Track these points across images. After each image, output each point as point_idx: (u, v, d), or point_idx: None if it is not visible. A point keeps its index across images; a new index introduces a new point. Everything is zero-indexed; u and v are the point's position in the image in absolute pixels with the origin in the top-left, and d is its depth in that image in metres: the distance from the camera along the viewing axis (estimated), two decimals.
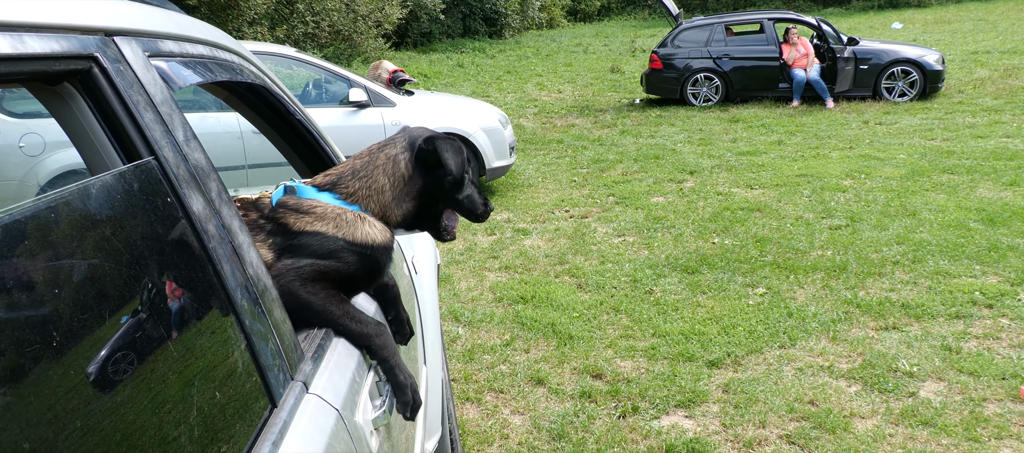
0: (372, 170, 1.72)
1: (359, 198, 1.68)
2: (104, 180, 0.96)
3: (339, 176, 1.71)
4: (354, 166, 1.73)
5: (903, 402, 3.72)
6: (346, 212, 1.64)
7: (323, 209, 1.62)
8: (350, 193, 1.68)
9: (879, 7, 32.87)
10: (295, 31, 18.15)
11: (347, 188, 1.69)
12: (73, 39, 0.97)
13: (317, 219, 1.60)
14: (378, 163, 1.73)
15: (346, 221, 1.62)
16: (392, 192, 1.72)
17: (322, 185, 1.69)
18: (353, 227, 1.62)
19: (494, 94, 16.23)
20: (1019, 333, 4.34)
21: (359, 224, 1.63)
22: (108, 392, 0.86)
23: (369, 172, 1.71)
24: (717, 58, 13.45)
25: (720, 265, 5.69)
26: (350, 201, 1.67)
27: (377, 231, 1.66)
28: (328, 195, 1.66)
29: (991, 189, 7.27)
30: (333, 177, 1.71)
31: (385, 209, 1.71)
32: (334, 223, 1.60)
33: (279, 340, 1.26)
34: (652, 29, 29.71)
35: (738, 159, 9.33)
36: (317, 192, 1.67)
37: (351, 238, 1.60)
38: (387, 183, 1.71)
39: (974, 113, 11.20)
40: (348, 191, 1.68)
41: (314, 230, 1.58)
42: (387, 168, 1.73)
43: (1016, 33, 20.63)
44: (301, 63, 7.69)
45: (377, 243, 1.65)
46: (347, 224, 1.62)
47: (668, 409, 3.80)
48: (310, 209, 1.61)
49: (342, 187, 1.69)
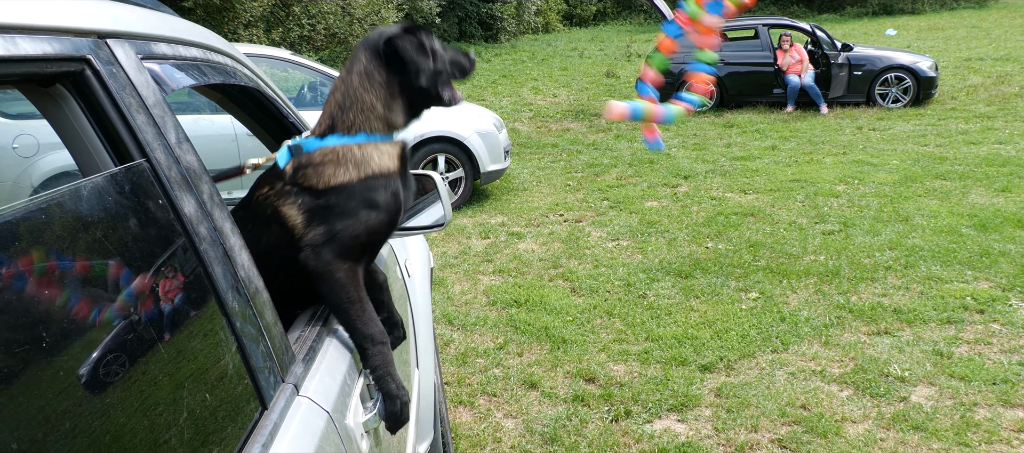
0: (355, 93, 1.72)
1: (359, 125, 1.68)
2: (96, 182, 0.96)
3: (332, 117, 1.71)
4: (338, 101, 1.73)
5: (894, 407, 3.73)
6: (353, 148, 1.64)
7: (335, 153, 1.63)
8: (350, 125, 1.68)
9: (873, 13, 32.99)
10: (291, 34, 18.13)
11: (346, 122, 1.69)
12: (66, 41, 0.97)
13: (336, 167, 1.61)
14: (355, 85, 1.73)
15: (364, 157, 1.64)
16: (382, 103, 1.72)
17: (323, 132, 1.70)
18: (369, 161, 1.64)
19: (489, 98, 16.24)
20: (1010, 338, 4.36)
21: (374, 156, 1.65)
22: (98, 394, 0.86)
23: (354, 97, 1.71)
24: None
25: (713, 269, 5.70)
26: (354, 133, 1.68)
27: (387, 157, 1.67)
28: (333, 138, 1.67)
29: (983, 195, 7.31)
30: (327, 120, 1.72)
31: (387, 121, 1.72)
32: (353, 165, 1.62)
33: (270, 342, 1.26)
34: (647, 34, 29.75)
35: (732, 164, 9.35)
36: (322, 140, 1.67)
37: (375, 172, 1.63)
38: (373, 97, 1.72)
39: (967, 119, 11.25)
40: (348, 125, 1.68)
41: (339, 183, 1.60)
42: (365, 84, 1.73)
43: (1009, 40, 20.73)
44: (296, 66, 7.70)
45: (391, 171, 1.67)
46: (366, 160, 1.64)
47: (661, 413, 3.81)
48: (323, 159, 1.62)
49: (341, 124, 1.69)
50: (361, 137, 1.67)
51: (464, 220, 7.48)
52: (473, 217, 7.61)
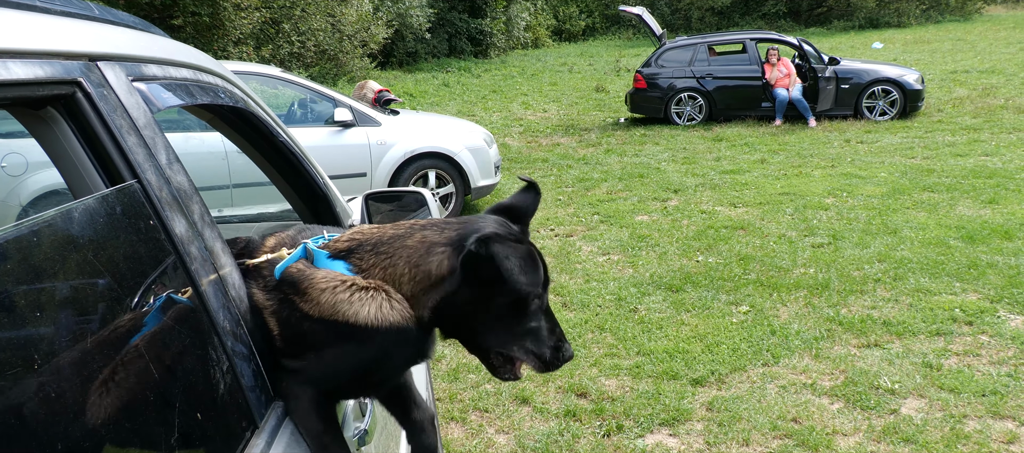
0: (396, 250, 1.33)
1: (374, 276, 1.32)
2: (87, 203, 0.97)
3: (359, 244, 1.36)
4: (382, 234, 1.37)
5: (885, 419, 3.74)
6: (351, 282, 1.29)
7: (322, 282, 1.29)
8: (363, 269, 1.32)
9: (860, 27, 33.29)
10: (281, 51, 18.16)
11: (361, 261, 1.33)
12: (57, 65, 0.98)
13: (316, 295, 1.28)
14: (408, 244, 1.33)
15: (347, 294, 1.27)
16: (411, 288, 1.31)
17: (338, 252, 1.35)
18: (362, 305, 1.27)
19: (479, 113, 16.29)
20: (999, 350, 4.39)
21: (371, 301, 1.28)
22: (91, 414, 0.87)
23: (392, 251, 1.33)
24: (700, 78, 13.57)
25: (704, 283, 5.72)
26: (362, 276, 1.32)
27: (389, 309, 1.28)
28: (341, 264, 1.33)
29: (971, 207, 7.36)
30: (354, 243, 1.36)
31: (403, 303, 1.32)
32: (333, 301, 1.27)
33: (260, 361, 1.27)
34: (636, 49, 29.93)
35: (721, 178, 9.40)
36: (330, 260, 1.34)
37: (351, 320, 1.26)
38: (406, 274, 1.31)
39: (953, 132, 11.35)
40: (362, 266, 1.33)
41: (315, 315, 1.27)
42: (414, 256, 1.32)
43: (994, 53, 20.95)
44: (286, 83, 7.71)
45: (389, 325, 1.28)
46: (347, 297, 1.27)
47: (652, 427, 3.81)
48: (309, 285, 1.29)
49: (355, 257, 1.34)
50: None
51: None
52: None
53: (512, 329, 1.34)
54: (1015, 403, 3.80)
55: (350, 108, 7.56)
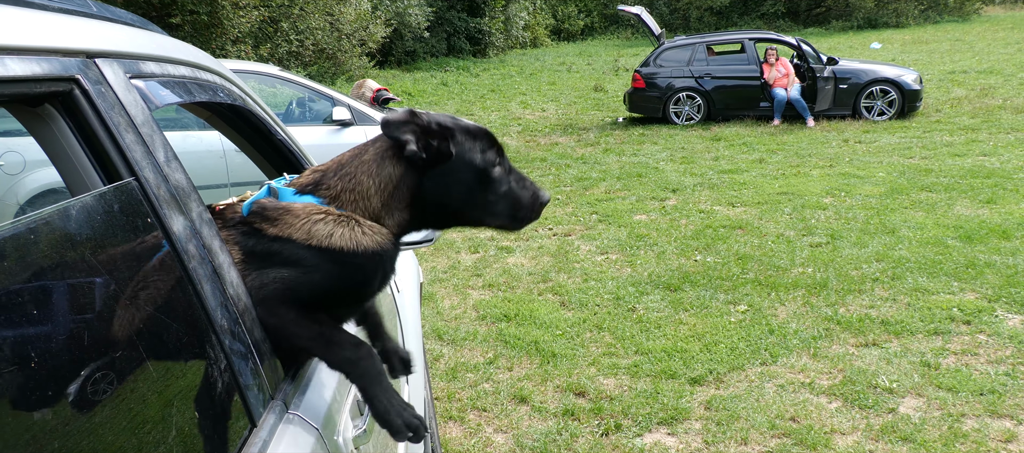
0: (356, 168, 1.44)
1: (343, 202, 1.41)
2: (85, 201, 0.97)
3: (323, 174, 1.45)
4: (340, 160, 1.47)
5: (883, 418, 3.75)
6: (326, 212, 1.38)
7: (300, 209, 1.38)
8: (333, 196, 1.42)
9: (858, 27, 33.32)
10: (279, 50, 18.15)
11: (330, 189, 1.42)
12: (54, 61, 0.98)
13: (288, 224, 1.36)
14: (364, 158, 1.44)
15: (324, 224, 1.36)
16: (379, 197, 1.42)
17: (304, 186, 1.44)
18: (332, 231, 1.36)
19: (478, 112, 16.29)
20: (996, 349, 4.39)
21: (341, 227, 1.37)
22: (87, 412, 0.86)
23: (353, 169, 1.44)
24: (699, 77, 13.58)
25: (702, 282, 5.72)
26: (335, 204, 1.42)
27: (362, 235, 1.38)
28: (309, 197, 1.42)
29: (968, 207, 7.37)
30: (317, 175, 1.46)
31: (376, 218, 1.43)
32: (309, 227, 1.36)
33: (259, 359, 1.26)
34: (635, 48, 29.94)
35: (720, 177, 9.40)
36: (296, 195, 1.42)
37: (328, 244, 1.34)
38: (371, 185, 1.42)
39: (951, 132, 11.35)
40: (331, 193, 1.42)
41: (286, 235, 1.35)
42: (371, 167, 1.43)
43: (992, 53, 20.97)
44: (285, 82, 7.71)
45: (363, 249, 1.37)
46: (325, 228, 1.36)
47: (651, 426, 3.81)
48: (284, 213, 1.37)
49: (324, 188, 1.43)
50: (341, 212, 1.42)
51: (453, 235, 7.48)
52: (462, 232, 7.61)
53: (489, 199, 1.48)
54: (1013, 402, 3.81)
55: (348, 107, 7.56)
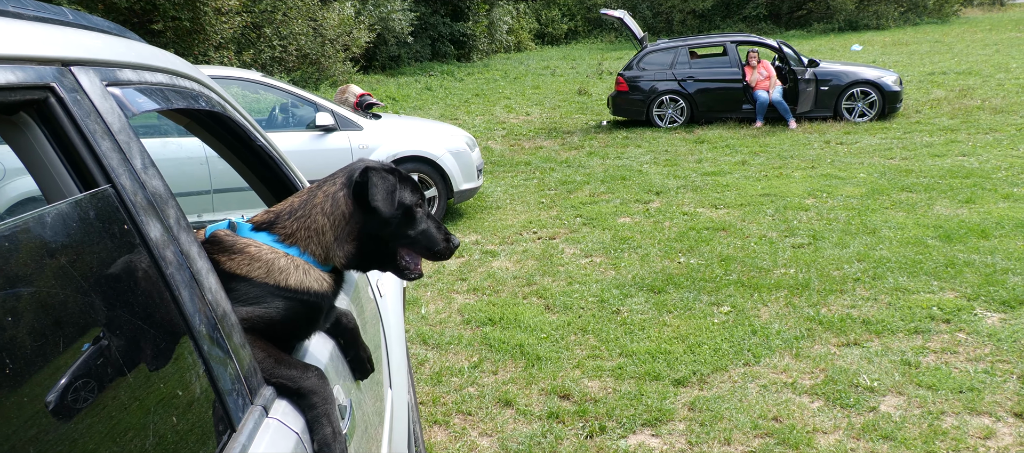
0: (311, 209, 1.60)
1: (297, 239, 1.57)
2: (60, 208, 0.97)
3: (277, 215, 1.60)
4: (293, 204, 1.62)
5: (864, 417, 3.78)
6: (279, 256, 1.52)
7: (256, 251, 1.51)
8: (288, 234, 1.57)
9: (839, 29, 33.60)
10: (262, 55, 18.09)
11: (285, 229, 1.57)
12: (29, 70, 0.98)
13: (248, 261, 1.49)
14: (316, 201, 1.61)
15: (278, 267, 1.50)
16: (333, 233, 1.59)
17: (259, 224, 1.59)
18: (285, 274, 1.50)
19: (462, 117, 16.29)
20: (975, 347, 4.44)
21: (292, 270, 1.52)
22: (66, 420, 0.87)
23: (307, 211, 1.60)
24: (682, 80, 13.65)
25: (686, 284, 5.75)
26: (288, 243, 1.56)
27: (312, 279, 1.54)
28: (264, 235, 1.56)
29: (948, 207, 7.45)
30: (272, 216, 1.60)
31: (327, 251, 1.59)
32: (265, 268, 1.49)
33: (238, 365, 1.27)
34: (618, 52, 30.05)
35: (703, 179, 9.45)
36: (253, 232, 1.56)
37: (282, 284, 1.49)
38: (326, 223, 1.59)
39: (931, 132, 11.47)
40: (286, 232, 1.57)
41: (242, 274, 1.47)
42: (325, 207, 1.61)
43: (970, 55, 21.21)
44: (267, 87, 7.68)
45: (312, 291, 1.53)
46: (279, 270, 1.50)
47: (635, 428, 3.83)
48: (243, 249, 1.51)
49: (279, 227, 1.58)
50: (294, 251, 1.56)
51: None
52: None
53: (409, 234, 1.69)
54: (991, 399, 3.85)
55: (332, 112, 7.55)
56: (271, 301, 1.47)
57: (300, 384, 1.41)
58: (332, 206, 1.61)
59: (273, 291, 1.48)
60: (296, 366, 1.44)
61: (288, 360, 1.44)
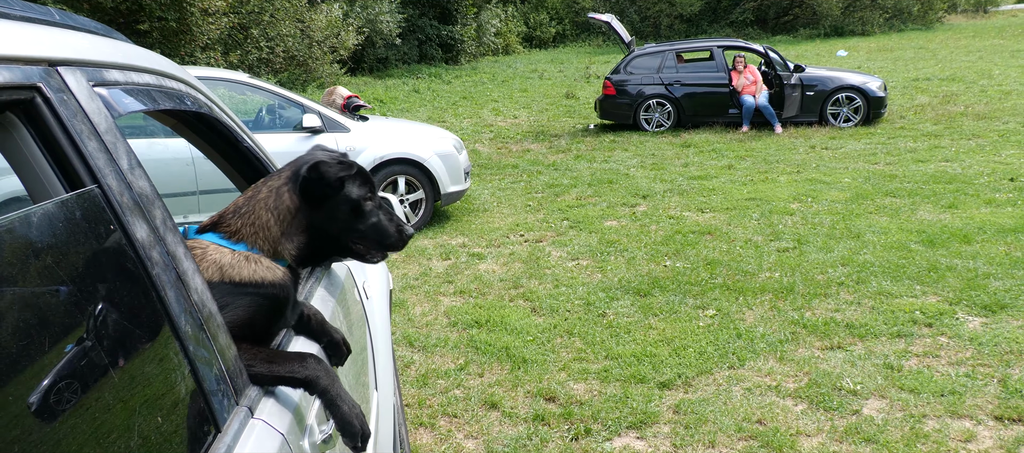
0: (255, 205, 1.61)
1: (244, 236, 1.57)
2: (46, 208, 0.97)
3: (222, 215, 1.61)
4: (238, 203, 1.63)
5: (847, 420, 3.81)
6: (226, 253, 1.53)
7: (202, 251, 1.51)
8: (233, 232, 1.58)
9: (825, 35, 33.85)
10: (249, 57, 18.03)
11: (230, 227, 1.58)
12: (15, 70, 0.98)
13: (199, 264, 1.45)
14: (260, 197, 1.62)
15: (227, 263, 1.51)
16: (279, 227, 1.60)
17: (205, 226, 1.60)
18: (235, 268, 1.50)
19: (450, 120, 16.29)
20: (957, 351, 4.49)
21: (242, 264, 1.52)
22: (50, 421, 0.87)
23: (252, 207, 1.60)
24: (669, 84, 13.71)
25: (671, 288, 5.78)
26: (234, 240, 1.57)
27: (264, 268, 1.54)
28: (210, 235, 1.57)
29: (931, 212, 7.52)
30: (217, 217, 1.62)
31: (275, 245, 1.59)
32: (215, 267, 1.50)
33: (223, 365, 1.27)
34: (606, 56, 30.13)
35: (689, 183, 9.50)
36: (198, 234, 1.58)
37: (236, 280, 1.49)
38: (271, 218, 1.59)
39: (915, 138, 11.57)
40: (231, 230, 1.58)
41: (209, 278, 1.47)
42: (269, 201, 1.61)
43: (954, 61, 21.41)
44: (254, 89, 7.66)
45: (266, 281, 1.52)
46: (229, 266, 1.50)
47: (620, 431, 3.84)
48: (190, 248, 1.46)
49: (224, 226, 1.59)
50: (241, 247, 1.56)
51: (425, 241, 7.49)
52: (434, 238, 7.62)
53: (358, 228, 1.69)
54: (972, 402, 3.89)
55: (319, 114, 7.53)
56: (231, 300, 1.46)
57: (305, 374, 1.44)
58: (276, 201, 1.61)
59: (229, 289, 1.47)
60: (291, 358, 1.45)
61: (280, 354, 1.45)
